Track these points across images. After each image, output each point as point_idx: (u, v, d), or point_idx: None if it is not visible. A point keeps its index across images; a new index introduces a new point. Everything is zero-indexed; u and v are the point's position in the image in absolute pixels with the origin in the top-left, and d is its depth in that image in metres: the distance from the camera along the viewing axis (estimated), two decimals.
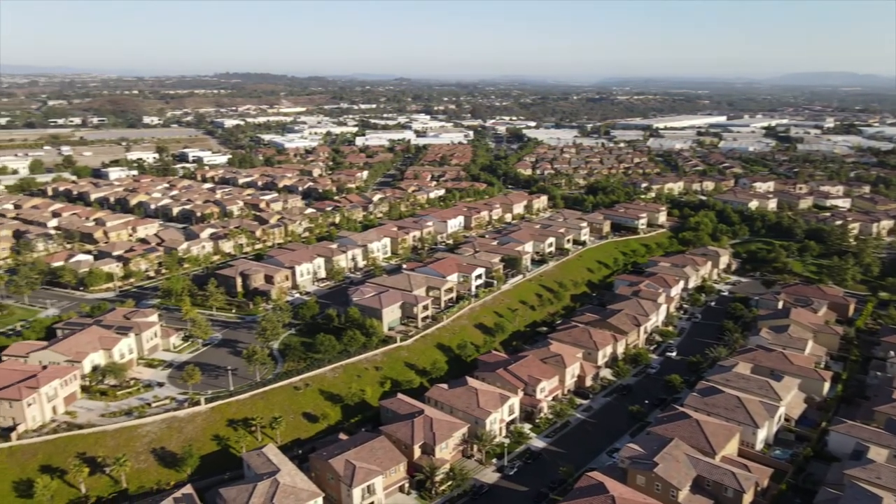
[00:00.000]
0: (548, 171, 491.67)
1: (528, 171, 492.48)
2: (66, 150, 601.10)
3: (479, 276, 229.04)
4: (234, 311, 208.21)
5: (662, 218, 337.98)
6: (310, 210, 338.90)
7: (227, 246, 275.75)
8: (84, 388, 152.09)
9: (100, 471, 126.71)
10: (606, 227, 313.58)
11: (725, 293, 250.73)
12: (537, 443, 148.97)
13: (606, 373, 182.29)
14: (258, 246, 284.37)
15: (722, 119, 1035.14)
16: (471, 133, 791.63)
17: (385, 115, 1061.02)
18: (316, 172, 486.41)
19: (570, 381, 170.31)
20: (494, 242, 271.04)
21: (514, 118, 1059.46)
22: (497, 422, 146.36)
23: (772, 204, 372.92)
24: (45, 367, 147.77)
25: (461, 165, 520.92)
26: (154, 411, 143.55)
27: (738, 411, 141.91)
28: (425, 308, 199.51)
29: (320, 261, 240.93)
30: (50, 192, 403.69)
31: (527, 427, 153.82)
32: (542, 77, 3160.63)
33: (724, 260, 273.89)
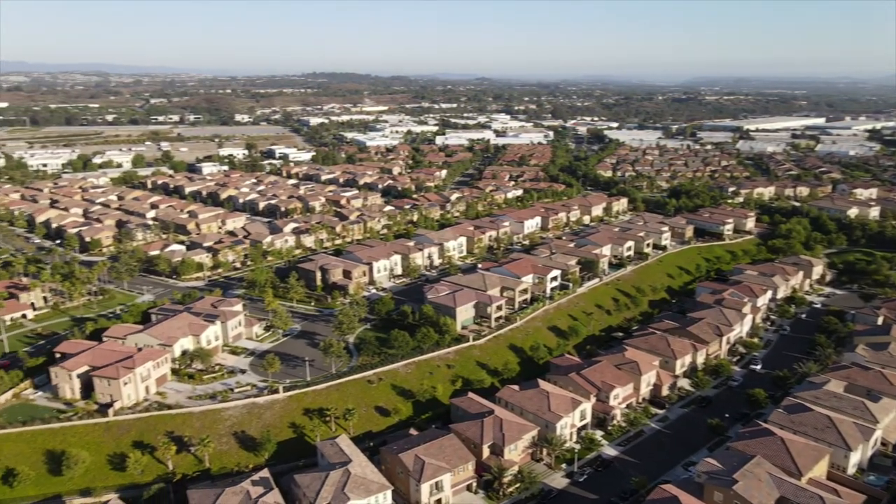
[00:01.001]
0: (629, 173, 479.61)
1: (609, 173, 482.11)
2: (164, 145, 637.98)
3: (554, 278, 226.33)
4: (312, 303, 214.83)
5: (750, 224, 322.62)
6: (389, 207, 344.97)
7: (309, 240, 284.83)
8: (174, 371, 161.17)
9: (185, 449, 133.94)
10: (689, 232, 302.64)
11: (818, 305, 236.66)
12: (609, 451, 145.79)
13: (684, 383, 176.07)
14: (338, 241, 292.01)
15: (820, 121, 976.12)
16: (551, 133, 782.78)
17: (465, 115, 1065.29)
18: (396, 170, 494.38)
19: (645, 390, 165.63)
20: (571, 244, 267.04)
21: (596, 119, 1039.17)
22: (568, 426, 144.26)
23: (874, 212, 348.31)
24: (139, 350, 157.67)
25: (540, 166, 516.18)
26: (236, 396, 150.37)
27: (829, 432, 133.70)
28: (499, 308, 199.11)
29: (397, 258, 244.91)
30: (149, 185, 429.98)
31: (598, 434, 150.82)
32: (626, 77, 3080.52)
33: (818, 270, 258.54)
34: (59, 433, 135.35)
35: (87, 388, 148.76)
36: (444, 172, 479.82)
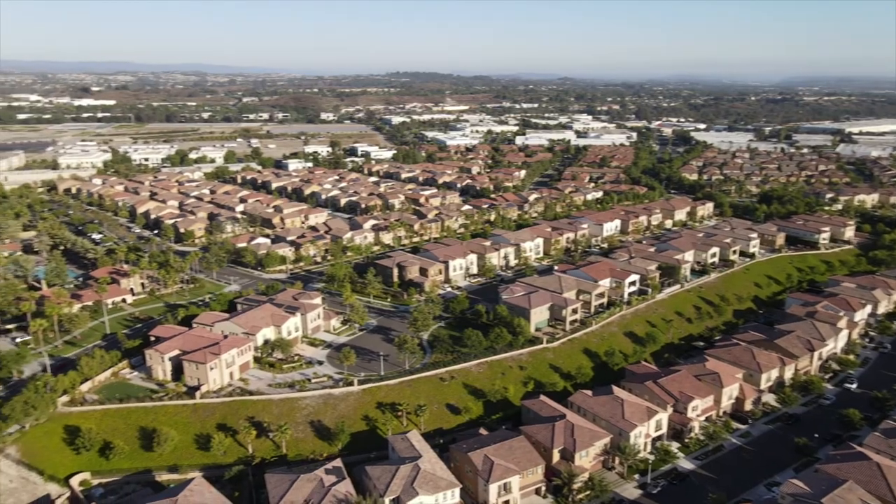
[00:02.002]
0: (716, 177, 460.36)
1: (694, 176, 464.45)
2: (254, 142, 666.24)
3: (632, 283, 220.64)
4: (389, 299, 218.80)
5: (849, 233, 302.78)
6: (466, 207, 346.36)
7: (387, 237, 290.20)
8: (256, 359, 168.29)
9: (265, 435, 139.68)
10: (780, 240, 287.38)
11: None
12: (685, 464, 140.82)
13: (770, 398, 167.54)
14: (415, 239, 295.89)
15: None
16: (634, 134, 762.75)
17: (546, 115, 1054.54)
18: (475, 170, 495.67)
19: (726, 403, 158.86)
20: (652, 249, 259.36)
21: (682, 120, 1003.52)
22: (642, 436, 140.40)
23: None
24: (225, 337, 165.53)
25: (621, 168, 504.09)
26: (313, 387, 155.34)
27: None
28: (574, 311, 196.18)
29: (473, 257, 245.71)
30: (239, 180, 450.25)
31: (674, 446, 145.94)
32: (716, 76, 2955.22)
33: None
34: (151, 412, 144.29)
35: (178, 371, 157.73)
36: (523, 173, 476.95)
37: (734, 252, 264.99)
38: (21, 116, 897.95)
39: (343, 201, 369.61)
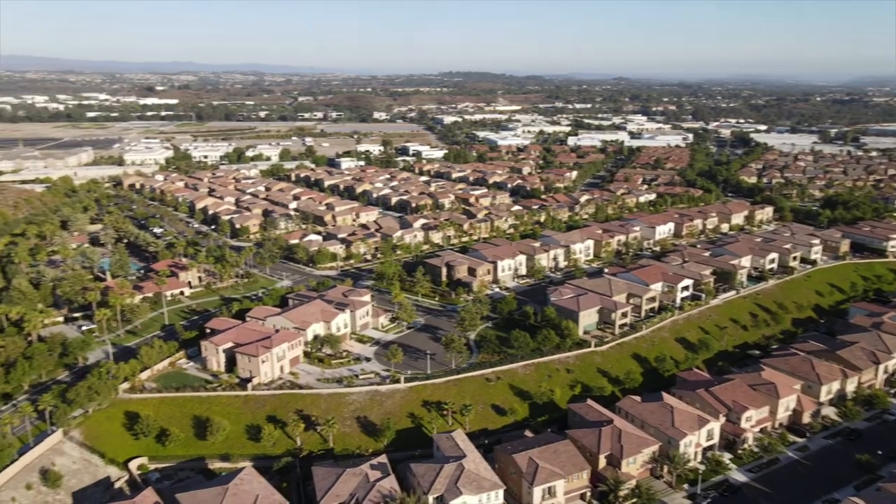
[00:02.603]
0: (776, 180, 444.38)
1: (753, 179, 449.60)
2: (308, 140, 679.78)
3: (685, 288, 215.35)
4: (437, 298, 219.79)
5: None
6: (516, 207, 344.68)
7: (437, 237, 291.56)
8: (306, 354, 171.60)
9: (312, 428, 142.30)
10: (844, 247, 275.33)
11: None
12: (737, 476, 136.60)
13: (830, 412, 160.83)
14: (465, 239, 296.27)
15: None
16: (690, 136, 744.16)
17: (599, 116, 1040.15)
18: (525, 170, 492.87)
19: (783, 415, 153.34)
20: (706, 253, 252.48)
21: (742, 121, 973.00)
22: (692, 445, 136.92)
23: None
24: (277, 331, 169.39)
25: (676, 170, 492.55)
26: (360, 383, 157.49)
27: None
28: (624, 315, 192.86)
29: (522, 258, 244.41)
30: (293, 178, 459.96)
31: (726, 457, 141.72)
32: (779, 76, 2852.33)
33: None
34: (205, 401, 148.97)
35: (231, 363, 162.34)
36: (574, 174, 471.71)
37: (794, 258, 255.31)
38: (90, 114, 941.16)
39: (394, 200, 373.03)
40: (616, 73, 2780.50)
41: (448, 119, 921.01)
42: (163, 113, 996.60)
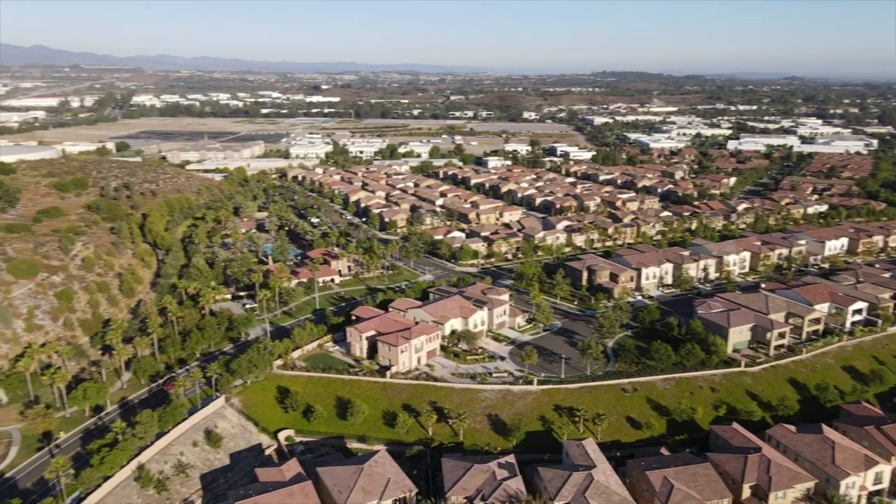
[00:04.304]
0: None
1: None
2: (457, 139, 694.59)
3: (858, 311, 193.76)
4: (575, 302, 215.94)
5: None
6: (665, 213, 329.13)
7: (579, 239, 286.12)
8: (442, 348, 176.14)
9: (444, 420, 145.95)
10: None
11: None
12: None
13: None
14: (608, 243, 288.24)
15: None
16: (874, 142, 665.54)
17: (765, 118, 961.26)
18: (678, 175, 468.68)
19: None
20: (887, 274, 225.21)
21: None
22: (856, 487, 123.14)
23: None
24: (417, 323, 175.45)
25: (854, 179, 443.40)
26: (493, 381, 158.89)
27: None
28: (781, 336, 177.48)
29: (668, 266, 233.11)
30: (441, 175, 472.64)
31: None
32: None
33: None
34: (347, 384, 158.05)
35: (372, 350, 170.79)
36: (732, 180, 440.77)
37: None
38: (264, 111, 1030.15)
39: (538, 200, 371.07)
40: (787, 71, 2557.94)
41: (598, 120, 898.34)
42: (325, 110, 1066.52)
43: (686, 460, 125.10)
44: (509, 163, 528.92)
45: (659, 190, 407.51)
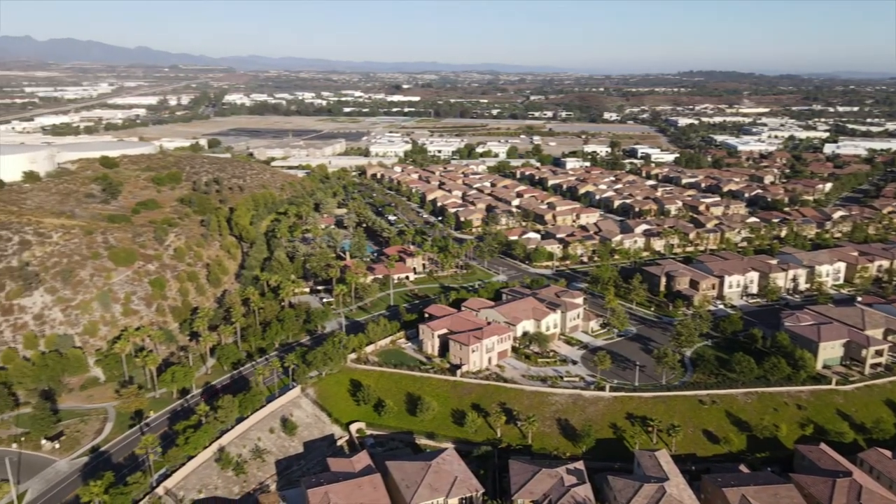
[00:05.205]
0: None
1: None
2: (536, 139, 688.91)
3: None
4: (652, 308, 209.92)
5: None
6: (752, 219, 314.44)
7: (658, 244, 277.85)
8: (514, 349, 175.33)
9: (513, 422, 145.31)
10: None
11: None
12: None
13: None
14: (689, 248, 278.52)
15: None
16: None
17: (868, 120, 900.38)
18: (768, 179, 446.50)
19: None
20: None
21: None
22: None
23: None
24: (489, 323, 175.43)
25: None
26: (564, 385, 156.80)
27: None
28: (879, 353, 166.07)
29: (754, 275, 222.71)
30: (517, 175, 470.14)
31: None
32: None
33: None
34: (418, 381, 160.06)
35: (444, 348, 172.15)
36: (828, 185, 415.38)
37: None
38: (346, 110, 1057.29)
39: (616, 203, 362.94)
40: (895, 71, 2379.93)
41: (683, 121, 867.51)
42: (406, 109, 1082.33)
43: (767, 479, 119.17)
44: (588, 164, 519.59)
45: (746, 195, 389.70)
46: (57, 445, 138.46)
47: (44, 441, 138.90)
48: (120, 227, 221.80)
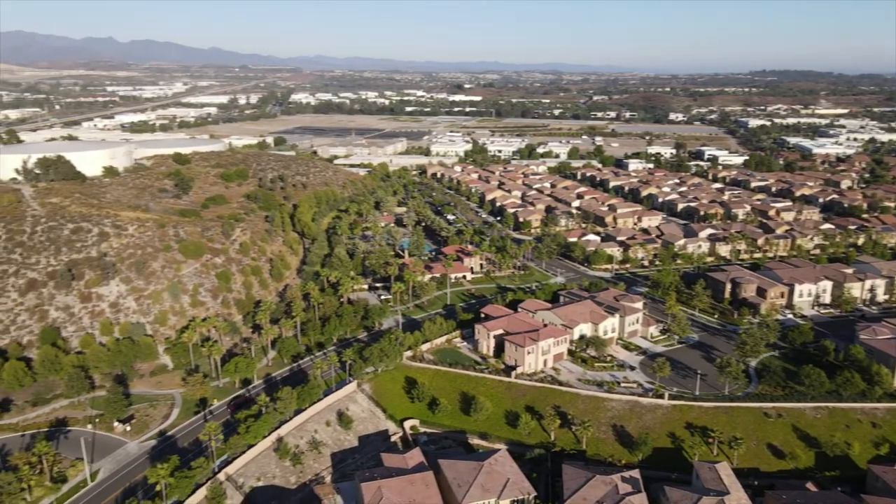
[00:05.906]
0: None
1: None
2: (598, 140, 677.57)
3: None
4: (716, 316, 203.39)
5: None
6: (827, 225, 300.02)
7: (724, 249, 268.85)
8: (570, 352, 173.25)
9: (567, 426, 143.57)
10: None
11: None
12: None
13: None
14: (757, 255, 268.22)
15: None
16: None
17: None
18: (844, 184, 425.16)
19: None
20: None
21: None
22: None
23: None
24: (545, 325, 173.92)
25: None
26: (621, 391, 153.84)
27: None
28: None
29: (827, 284, 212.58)
30: (578, 177, 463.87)
31: None
32: None
33: None
34: (472, 380, 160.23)
35: (499, 349, 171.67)
36: None
37: None
38: (408, 109, 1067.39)
39: (680, 206, 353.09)
40: None
41: (753, 122, 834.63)
42: (467, 109, 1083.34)
43: (836, 499, 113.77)
44: (651, 166, 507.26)
45: (820, 200, 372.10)
46: (128, 428, 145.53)
47: (116, 423, 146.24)
48: (190, 221, 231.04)
